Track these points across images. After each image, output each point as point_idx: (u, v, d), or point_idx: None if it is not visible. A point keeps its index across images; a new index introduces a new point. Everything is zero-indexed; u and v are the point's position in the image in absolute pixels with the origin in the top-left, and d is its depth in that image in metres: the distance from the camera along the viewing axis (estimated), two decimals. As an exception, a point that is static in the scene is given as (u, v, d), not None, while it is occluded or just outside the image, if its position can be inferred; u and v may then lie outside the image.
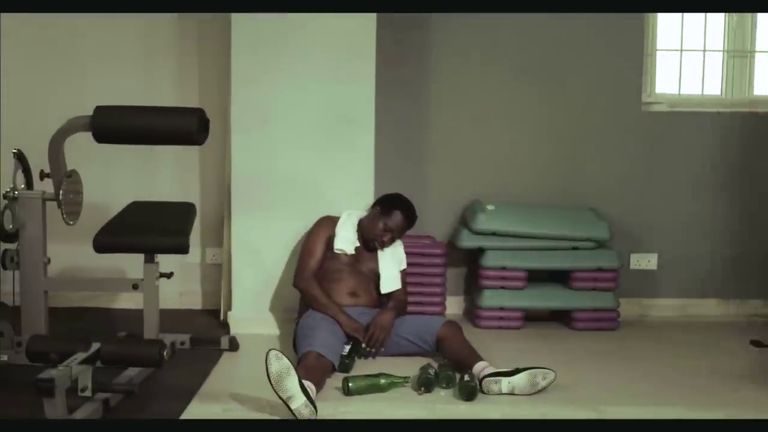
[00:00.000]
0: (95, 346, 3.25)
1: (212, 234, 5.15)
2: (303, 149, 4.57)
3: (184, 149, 4.90)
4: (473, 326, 4.82)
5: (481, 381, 3.62)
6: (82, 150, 3.94)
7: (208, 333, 4.54)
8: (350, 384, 3.57)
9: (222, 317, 4.86)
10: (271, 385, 3.23)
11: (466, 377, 3.62)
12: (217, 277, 5.05)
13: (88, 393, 3.16)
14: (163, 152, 5.00)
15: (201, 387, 3.64)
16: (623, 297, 4.96)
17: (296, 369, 3.31)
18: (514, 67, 5.16)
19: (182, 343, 4.19)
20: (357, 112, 4.55)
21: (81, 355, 3.17)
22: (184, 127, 3.47)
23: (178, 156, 5.08)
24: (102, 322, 4.78)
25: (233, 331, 4.54)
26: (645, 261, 5.24)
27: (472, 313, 5.00)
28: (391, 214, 4.27)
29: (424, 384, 3.62)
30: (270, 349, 3.29)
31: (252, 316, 4.57)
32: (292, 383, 3.22)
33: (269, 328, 4.57)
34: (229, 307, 4.71)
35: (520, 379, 3.61)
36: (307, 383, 3.31)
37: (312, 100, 4.56)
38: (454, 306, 5.08)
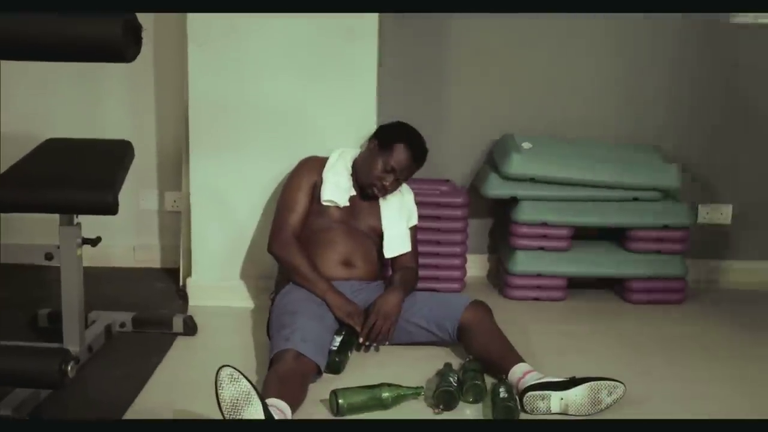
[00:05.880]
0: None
1: (172, 175, 4.30)
2: (283, 69, 3.74)
3: (135, 69, 3.91)
4: (501, 296, 4.03)
5: (522, 394, 2.76)
6: (7, 71, 3.03)
7: (159, 307, 3.71)
8: (340, 400, 2.70)
9: (181, 284, 4.00)
10: (223, 417, 2.35)
11: (502, 390, 2.73)
12: (179, 228, 4.19)
13: (-45, 426, 2.27)
14: (109, 73, 4.11)
15: (135, 400, 2.77)
16: (688, 258, 4.14)
17: (264, 386, 2.49)
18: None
19: (122, 326, 3.40)
20: (355, 21, 3.71)
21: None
22: (104, 36, 2.50)
23: (128, 78, 4.21)
24: (28, 289, 3.88)
25: (193, 303, 3.79)
26: (716, 214, 4.40)
27: (499, 278, 4.19)
28: (392, 148, 3.38)
29: (444, 399, 2.76)
30: (221, 367, 2.37)
31: (217, 284, 3.82)
32: (253, 413, 2.34)
33: (239, 299, 3.81)
34: (189, 272, 3.89)
35: (577, 395, 2.74)
36: (275, 406, 2.46)
37: (295, 3, 3.70)
38: (476, 267, 4.30)
